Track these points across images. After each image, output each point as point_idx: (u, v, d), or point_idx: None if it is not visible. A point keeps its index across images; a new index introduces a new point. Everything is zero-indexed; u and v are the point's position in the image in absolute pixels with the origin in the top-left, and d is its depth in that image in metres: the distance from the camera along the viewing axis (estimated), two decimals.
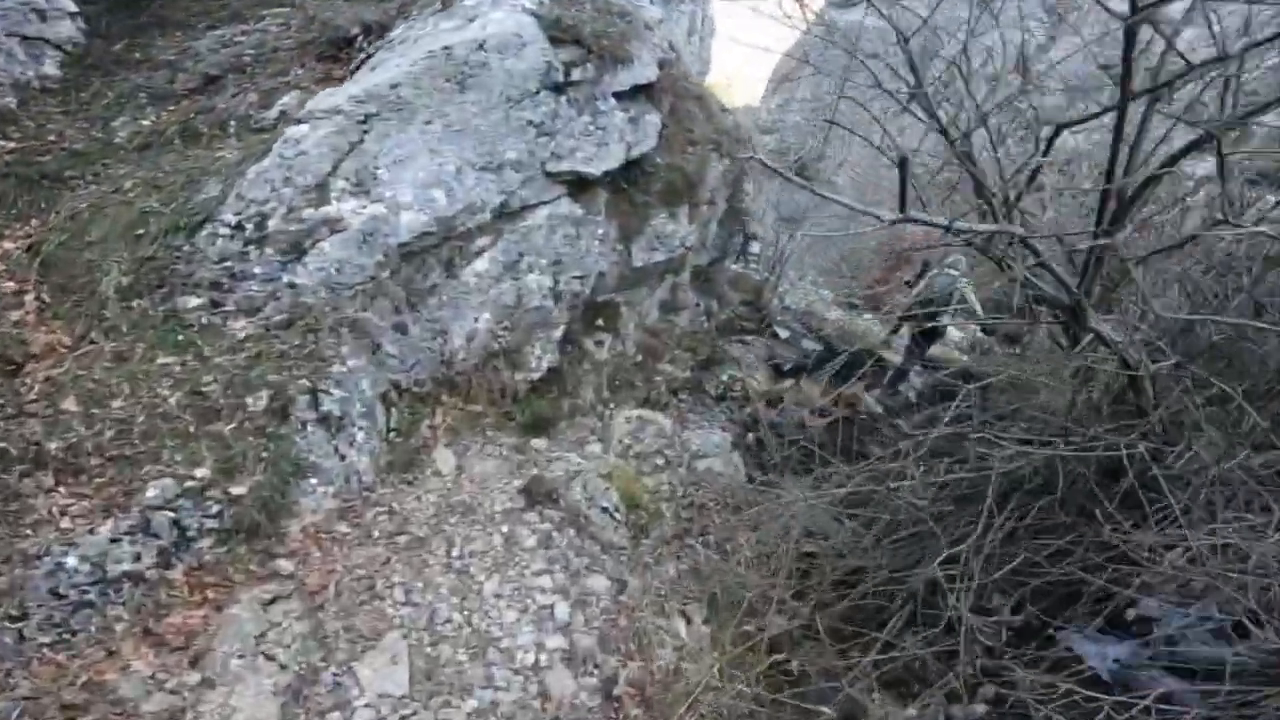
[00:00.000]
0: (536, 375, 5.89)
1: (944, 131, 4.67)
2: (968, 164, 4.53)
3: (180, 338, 4.53)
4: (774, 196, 14.86)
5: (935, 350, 10.47)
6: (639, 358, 7.55)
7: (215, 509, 4.17)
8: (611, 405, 6.98)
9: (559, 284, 6.07)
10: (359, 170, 5.03)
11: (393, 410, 5.07)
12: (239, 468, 4.31)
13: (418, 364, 5.22)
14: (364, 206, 4.92)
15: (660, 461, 5.86)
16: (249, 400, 4.37)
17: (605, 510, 5.02)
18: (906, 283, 11.99)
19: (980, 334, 13.41)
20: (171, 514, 4.07)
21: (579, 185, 6.37)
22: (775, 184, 16.07)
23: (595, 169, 6.31)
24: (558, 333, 6.11)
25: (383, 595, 4.48)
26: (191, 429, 4.33)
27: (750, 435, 7.47)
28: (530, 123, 5.99)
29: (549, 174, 6.07)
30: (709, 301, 9.18)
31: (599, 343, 7.08)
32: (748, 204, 9.95)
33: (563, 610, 4.47)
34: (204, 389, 4.40)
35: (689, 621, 4.70)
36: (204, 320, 4.58)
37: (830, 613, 4.70)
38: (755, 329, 11.34)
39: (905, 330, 10.44)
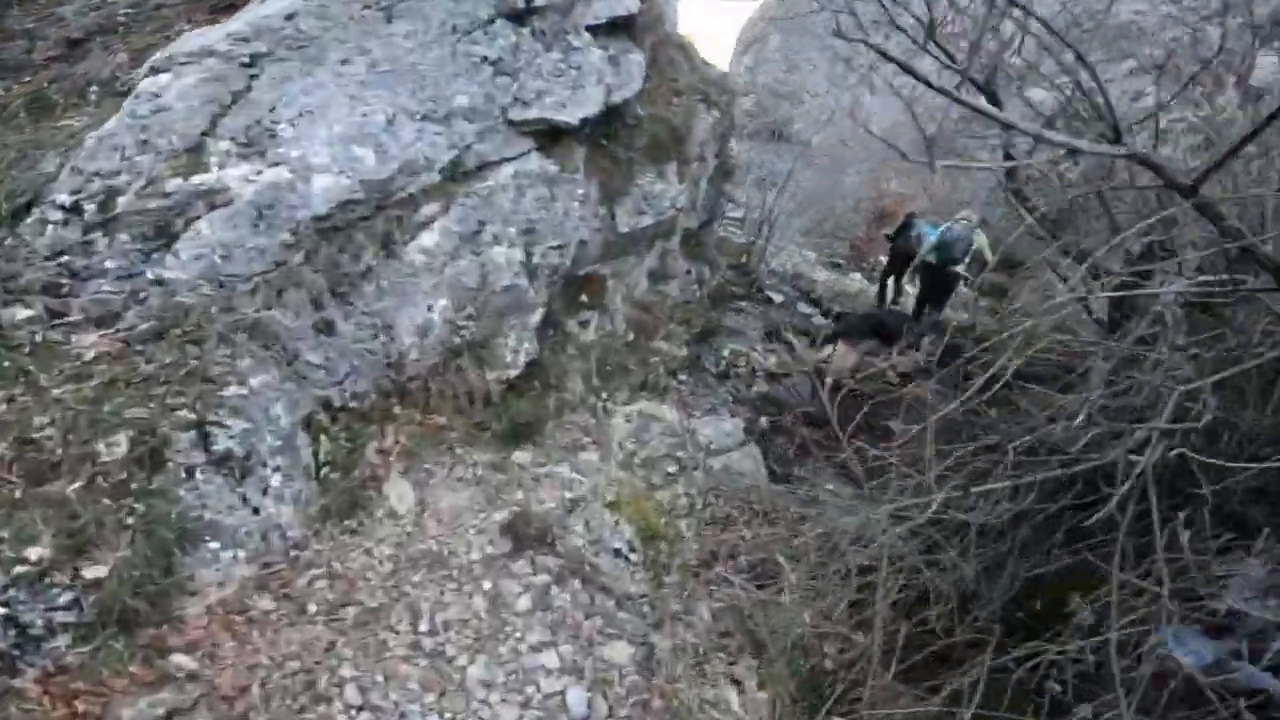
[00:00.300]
0: (513, 372, 4.42)
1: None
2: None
3: (4, 365, 3.02)
4: (751, 157, 13.35)
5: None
6: (630, 336, 6.09)
7: (64, 598, 2.73)
8: (604, 396, 5.55)
9: (533, 257, 4.57)
10: (249, 127, 3.46)
11: (324, 437, 3.60)
12: (93, 541, 2.84)
13: (354, 372, 3.74)
14: (258, 172, 3.36)
15: (672, 468, 4.47)
16: (101, 446, 2.87)
17: (617, 552, 3.62)
18: (886, 235, 10.87)
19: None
20: (3, 609, 2.64)
21: (551, 137, 4.83)
22: (749, 144, 14.59)
23: (570, 117, 4.76)
24: (535, 317, 4.63)
25: (328, 696, 3.03)
26: (19, 494, 2.84)
27: (763, 419, 6.11)
28: (485, 59, 4.43)
29: (512, 124, 4.53)
30: (700, 268, 7.71)
31: (584, 323, 5.61)
32: (734, 162, 8.45)
33: (577, 698, 3.04)
34: (37, 435, 2.90)
35: (740, 687, 3.33)
36: (36, 338, 3.02)
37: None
38: (746, 295, 9.93)
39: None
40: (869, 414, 5.04)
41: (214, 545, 3.12)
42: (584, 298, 5.67)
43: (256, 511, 3.31)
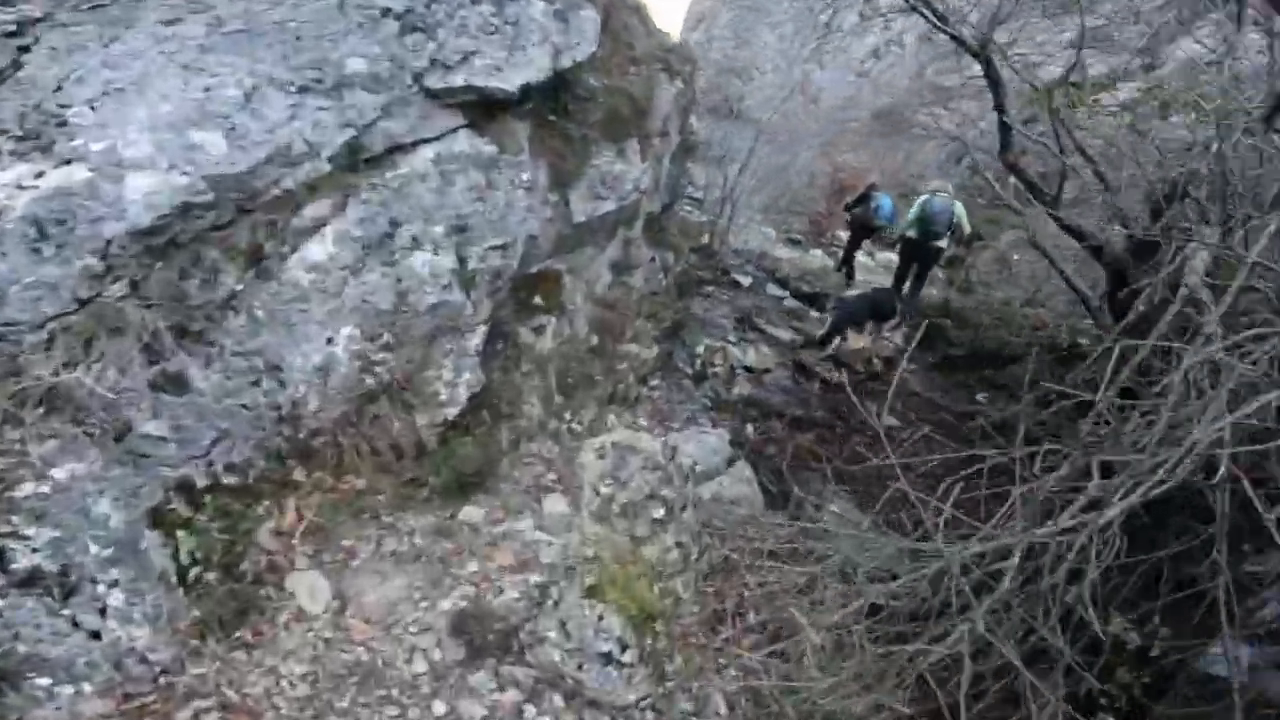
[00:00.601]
0: (452, 411, 3.28)
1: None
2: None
3: None
4: (706, 134, 12.14)
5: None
6: (594, 340, 4.98)
7: None
8: (569, 418, 4.44)
9: (468, 262, 3.41)
10: (22, 115, 2.25)
11: (184, 532, 2.46)
12: None
13: (226, 437, 2.56)
14: (38, 175, 2.15)
15: (658, 511, 3.38)
16: None
17: (606, 656, 2.56)
18: (846, 206, 10.07)
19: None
20: None
21: (484, 111, 3.63)
22: (705, 121, 13.39)
23: (507, 84, 3.56)
24: (476, 337, 3.48)
25: None
26: None
27: (749, 426, 5.08)
28: (388, 11, 3.21)
29: (431, 94, 3.31)
30: (664, 255, 6.60)
31: (539, 330, 4.45)
32: (696, 138, 7.30)
33: None
34: None
35: None
36: None
37: None
38: (712, 279, 8.87)
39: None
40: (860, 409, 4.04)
41: (43, 681, 2.03)
42: (538, 300, 4.51)
43: (97, 636, 2.20)
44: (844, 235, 11.20)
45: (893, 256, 12.70)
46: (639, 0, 5.92)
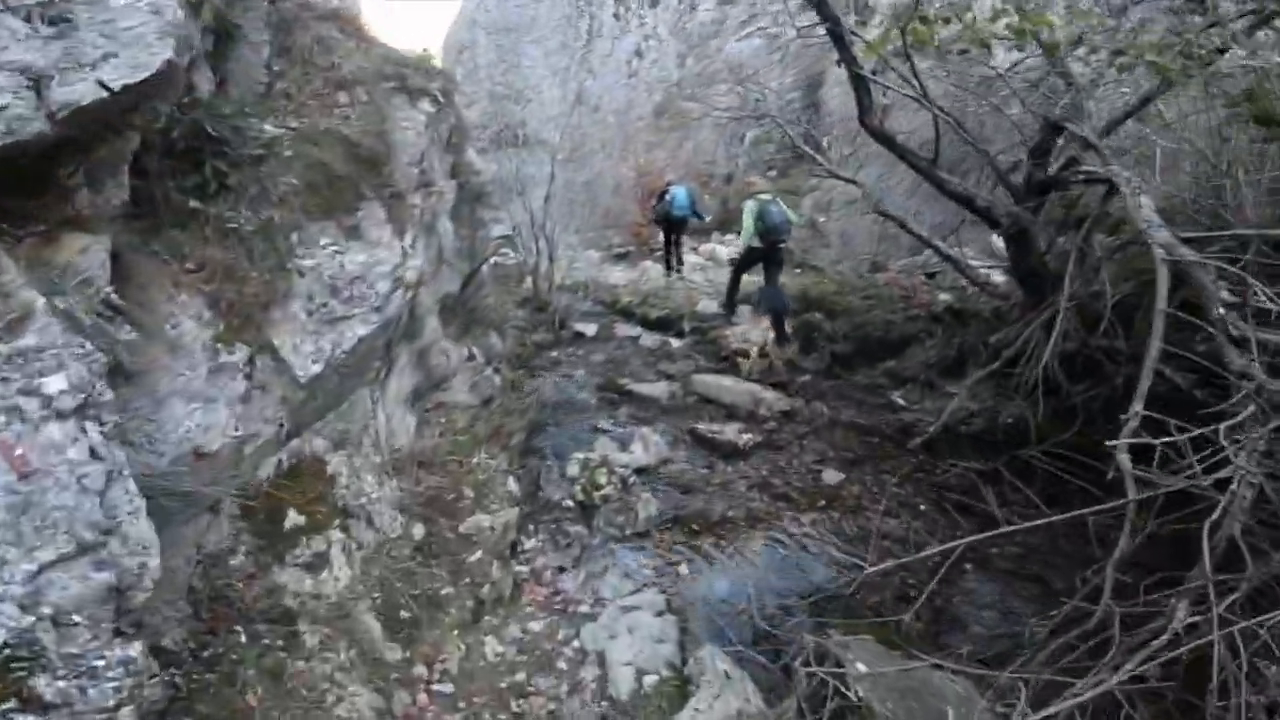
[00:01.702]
0: None
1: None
2: None
3: None
4: (496, 169, 10.24)
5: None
6: (417, 536, 3.01)
7: None
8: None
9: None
10: None
11: None
12: None
13: None
14: None
15: None
16: None
17: None
18: (653, 205, 9.39)
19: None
20: None
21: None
22: (491, 155, 11.49)
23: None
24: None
25: None
26: None
27: (684, 567, 3.33)
28: None
29: None
30: (485, 342, 4.71)
31: (308, 568, 2.46)
32: (483, 178, 5.40)
33: None
34: None
35: None
36: None
37: None
38: (553, 340, 7.05)
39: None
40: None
41: None
42: (297, 517, 2.48)
43: None
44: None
45: (718, 249, 11.81)
46: (338, 5, 3.92)
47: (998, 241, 5.72)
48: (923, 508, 3.90)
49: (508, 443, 4.18)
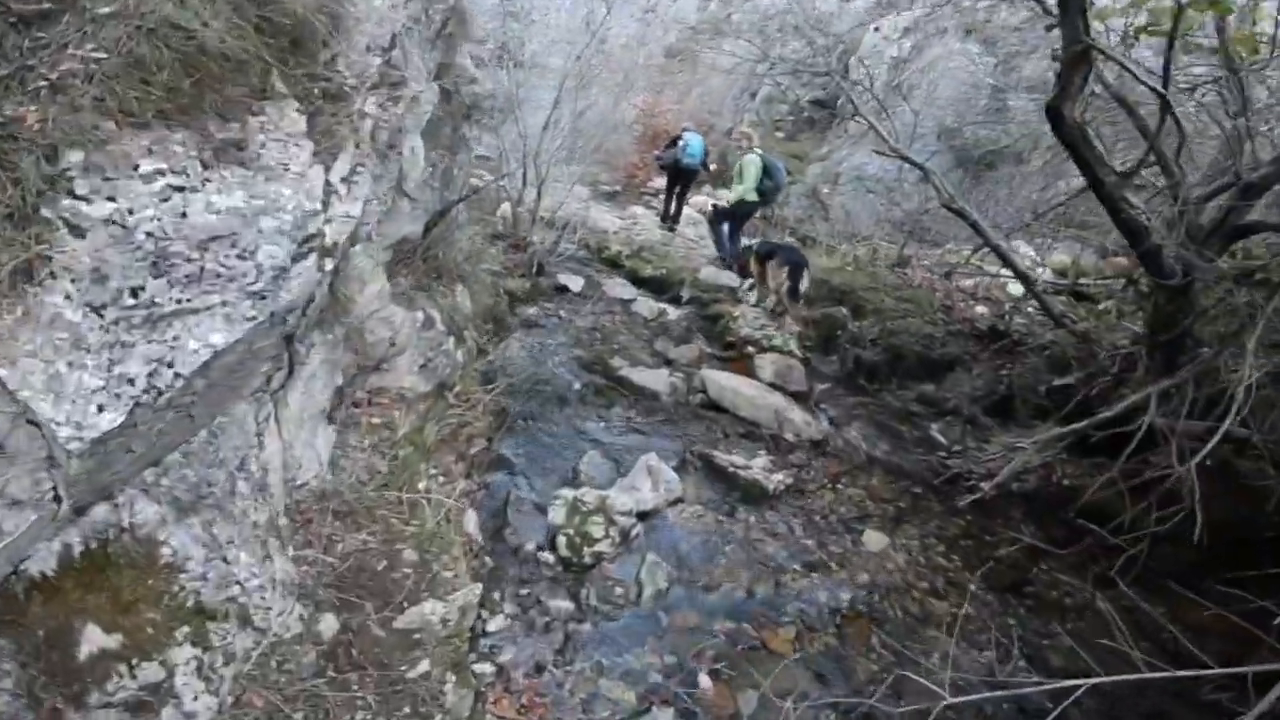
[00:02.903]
0: None
1: None
2: None
3: None
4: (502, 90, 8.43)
5: None
6: (329, 626, 1.90)
7: None
8: None
9: None
10: None
11: None
12: None
13: None
14: None
15: None
16: None
17: None
18: (656, 156, 8.40)
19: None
20: None
21: None
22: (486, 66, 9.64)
23: None
24: None
25: None
26: None
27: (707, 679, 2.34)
28: None
29: None
30: (452, 301, 3.45)
31: (141, 707, 1.34)
32: (479, 90, 3.94)
33: None
34: None
35: None
36: None
37: None
38: (531, 293, 5.74)
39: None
40: None
41: None
42: (103, 643, 1.31)
43: None
44: (661, 184, 8.95)
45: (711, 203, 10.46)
46: None
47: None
48: (973, 587, 3.02)
49: (466, 450, 3.03)
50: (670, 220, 8.13)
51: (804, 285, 5.13)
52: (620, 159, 11.32)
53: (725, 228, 6.53)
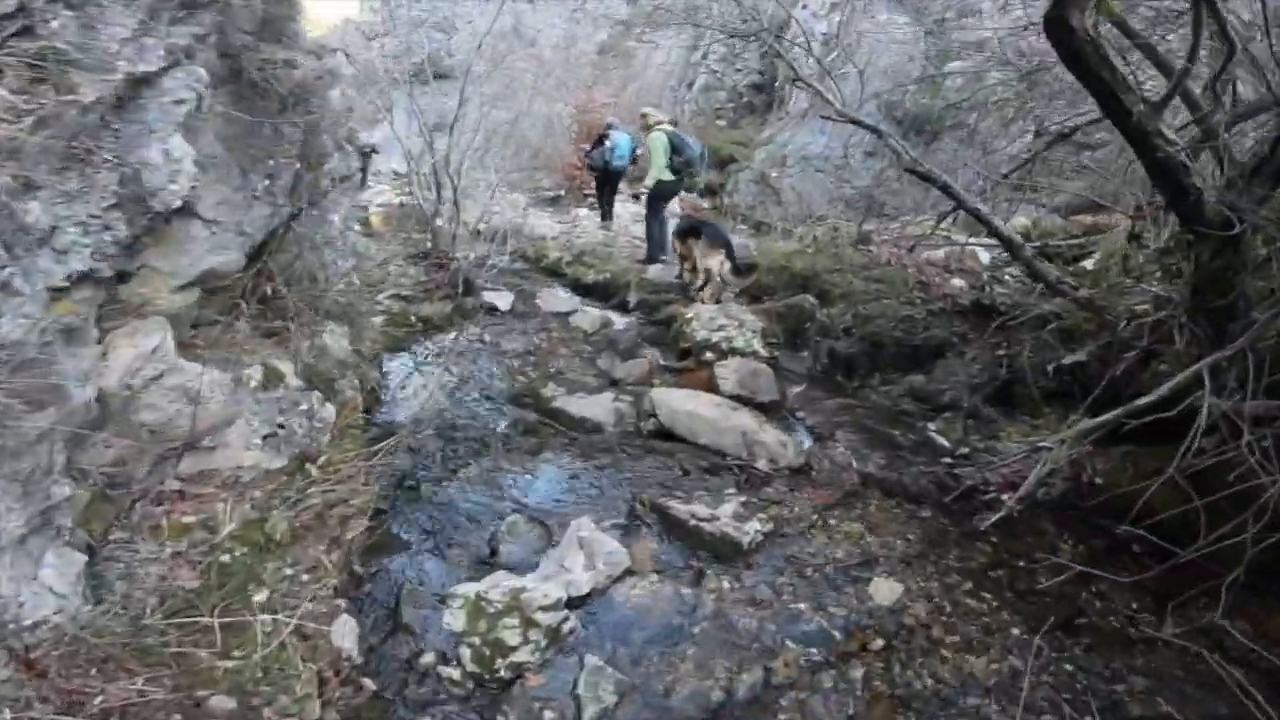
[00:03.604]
0: None
1: None
2: None
3: None
4: (409, 103, 7.48)
5: None
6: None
7: None
8: None
9: None
10: None
11: None
12: None
13: None
14: None
15: None
16: None
17: None
18: (586, 152, 7.92)
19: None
20: None
21: None
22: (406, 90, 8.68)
23: None
24: None
25: None
26: None
27: None
28: None
29: None
30: (320, 344, 2.63)
31: None
32: (326, 65, 3.12)
33: None
34: None
35: None
36: None
37: None
38: (454, 313, 4.88)
39: None
40: None
41: None
42: None
43: None
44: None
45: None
46: None
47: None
48: (1015, 631, 2.32)
49: (341, 534, 2.20)
50: (607, 220, 7.73)
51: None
52: (559, 161, 10.53)
53: (661, 215, 6.08)
